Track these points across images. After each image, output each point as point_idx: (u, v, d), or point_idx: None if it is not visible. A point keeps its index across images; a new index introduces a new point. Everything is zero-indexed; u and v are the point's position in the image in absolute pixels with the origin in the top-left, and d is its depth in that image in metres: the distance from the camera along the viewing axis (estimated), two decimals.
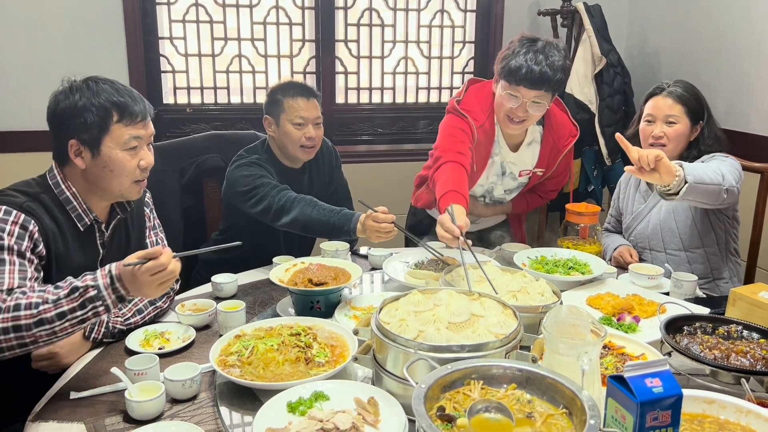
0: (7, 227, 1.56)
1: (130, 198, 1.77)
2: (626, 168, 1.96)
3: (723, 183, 2.02)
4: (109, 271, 1.44)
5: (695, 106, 2.28)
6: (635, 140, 2.37)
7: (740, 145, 2.84)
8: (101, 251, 1.77)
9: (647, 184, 2.43)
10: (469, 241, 1.98)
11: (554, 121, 2.48)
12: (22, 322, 1.39)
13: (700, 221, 2.34)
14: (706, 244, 2.35)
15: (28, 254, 1.57)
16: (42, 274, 1.62)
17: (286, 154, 2.46)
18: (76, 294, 1.41)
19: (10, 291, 1.47)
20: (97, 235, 1.76)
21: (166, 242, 1.99)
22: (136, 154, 1.70)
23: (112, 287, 1.43)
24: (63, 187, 1.69)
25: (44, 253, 1.62)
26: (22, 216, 1.59)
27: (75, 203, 1.70)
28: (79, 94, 1.65)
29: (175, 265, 1.48)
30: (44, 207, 1.65)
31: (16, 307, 1.40)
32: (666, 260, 2.35)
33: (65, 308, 1.41)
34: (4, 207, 1.58)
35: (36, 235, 1.60)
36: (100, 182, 1.70)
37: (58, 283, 1.45)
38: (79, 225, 1.71)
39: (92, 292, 1.41)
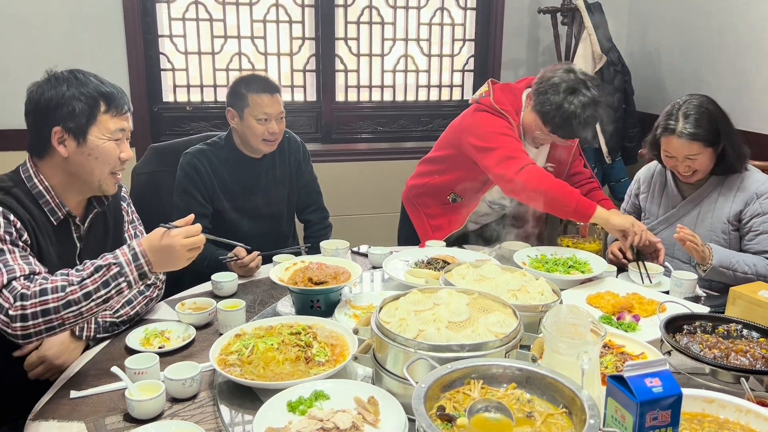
0: None
1: (107, 192, 1.74)
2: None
3: (750, 273, 2.14)
4: (132, 248, 1.51)
5: (711, 134, 2.18)
6: (654, 148, 2.32)
7: None
8: (78, 245, 1.75)
9: (675, 186, 2.38)
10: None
11: None
12: (50, 305, 1.44)
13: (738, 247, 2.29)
14: None
15: (20, 243, 1.56)
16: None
17: (247, 145, 2.49)
18: (100, 273, 1.47)
19: (28, 277, 1.49)
20: (73, 229, 1.74)
21: (146, 234, 1.98)
22: (119, 146, 1.70)
23: (135, 263, 1.50)
24: (36, 180, 1.65)
25: (29, 241, 1.60)
26: (0, 208, 1.56)
27: (48, 197, 1.66)
28: (66, 84, 1.64)
29: (202, 236, 1.57)
30: (17, 201, 1.61)
31: (43, 292, 1.45)
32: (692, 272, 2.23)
33: (90, 288, 1.46)
34: None
35: (18, 225, 1.58)
36: (81, 171, 1.67)
37: (78, 266, 1.51)
38: (52, 219, 1.67)
39: (115, 269, 1.48)
